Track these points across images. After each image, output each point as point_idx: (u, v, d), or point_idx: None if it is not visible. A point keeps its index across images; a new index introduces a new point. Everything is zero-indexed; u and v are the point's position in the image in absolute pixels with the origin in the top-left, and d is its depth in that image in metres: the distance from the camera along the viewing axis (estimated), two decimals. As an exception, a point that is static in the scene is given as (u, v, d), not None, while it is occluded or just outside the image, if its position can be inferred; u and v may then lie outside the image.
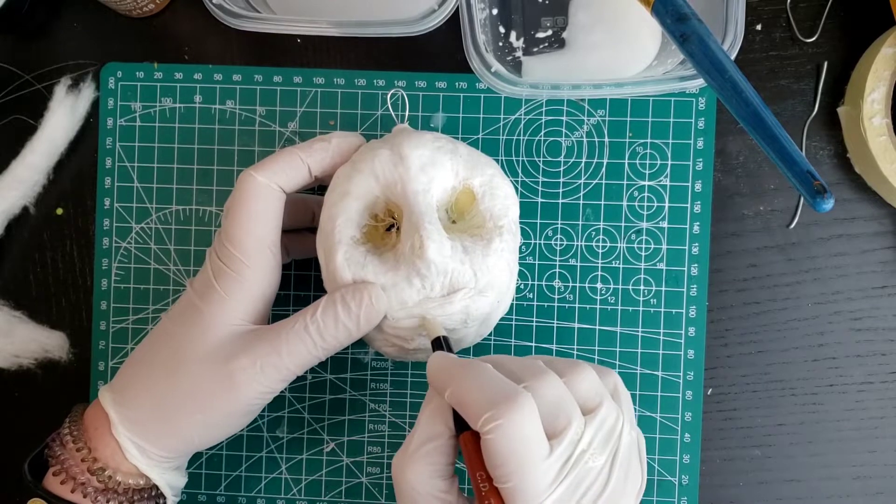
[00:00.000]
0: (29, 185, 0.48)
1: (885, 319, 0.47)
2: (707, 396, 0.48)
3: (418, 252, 0.39)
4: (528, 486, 0.33)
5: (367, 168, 0.41)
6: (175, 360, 0.40)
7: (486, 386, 0.34)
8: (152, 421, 0.40)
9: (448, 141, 0.42)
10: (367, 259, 0.40)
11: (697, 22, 0.39)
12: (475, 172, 0.42)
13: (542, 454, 0.33)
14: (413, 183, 0.40)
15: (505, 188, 0.43)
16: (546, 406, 0.34)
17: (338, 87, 0.48)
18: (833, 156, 0.48)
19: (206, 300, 0.40)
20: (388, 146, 0.41)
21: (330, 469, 0.48)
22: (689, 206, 0.47)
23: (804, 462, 0.48)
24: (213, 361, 0.40)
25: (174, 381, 0.40)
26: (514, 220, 0.43)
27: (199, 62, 0.49)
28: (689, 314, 0.47)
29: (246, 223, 0.40)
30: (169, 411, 0.40)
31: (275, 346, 0.39)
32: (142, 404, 0.40)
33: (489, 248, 0.41)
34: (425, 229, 0.39)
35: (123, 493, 0.40)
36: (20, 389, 0.50)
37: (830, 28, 0.47)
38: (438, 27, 0.42)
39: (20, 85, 0.49)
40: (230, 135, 0.49)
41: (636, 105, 0.47)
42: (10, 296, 0.50)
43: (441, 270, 0.39)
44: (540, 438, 0.33)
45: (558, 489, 0.33)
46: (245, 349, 0.40)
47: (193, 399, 0.40)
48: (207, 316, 0.40)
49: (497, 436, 0.32)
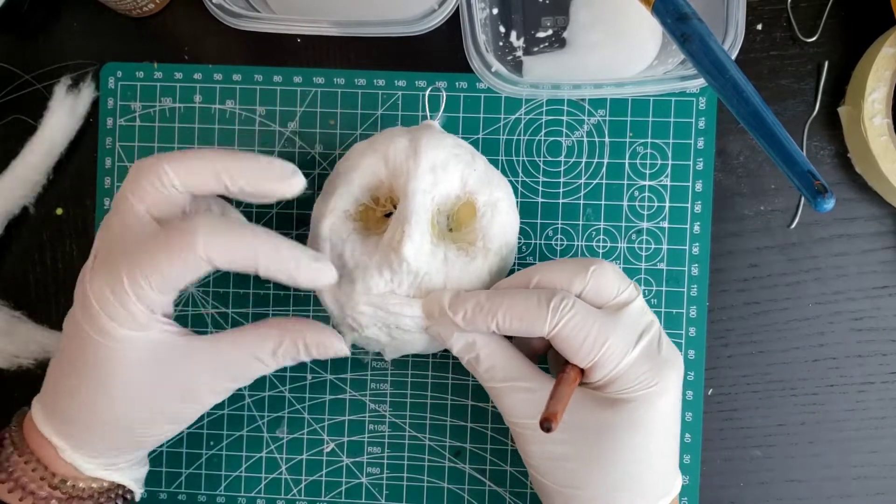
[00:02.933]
0: (29, 185, 0.48)
1: (886, 319, 0.47)
2: (707, 396, 0.48)
3: (395, 245, 0.39)
4: (611, 349, 0.38)
5: (382, 150, 0.41)
6: (105, 385, 0.38)
7: (525, 298, 0.39)
8: (103, 447, 0.39)
9: (468, 151, 0.42)
10: (350, 236, 0.41)
11: (698, 21, 0.39)
12: (484, 189, 0.42)
13: (607, 322, 0.38)
14: (417, 180, 0.40)
15: (508, 216, 0.43)
16: (608, 284, 0.39)
17: (338, 86, 0.48)
18: (833, 156, 0.48)
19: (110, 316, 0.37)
20: (409, 137, 0.41)
21: (330, 469, 0.48)
22: (689, 206, 0.47)
23: (805, 462, 0.48)
24: (159, 386, 0.38)
25: (116, 411, 0.38)
26: (506, 246, 0.43)
27: (199, 62, 0.49)
28: (689, 314, 0.47)
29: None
30: (117, 437, 0.39)
31: (228, 375, 0.39)
32: (87, 432, 0.39)
33: (470, 265, 0.41)
34: (410, 226, 0.39)
35: (89, 498, 0.39)
36: (20, 389, 0.49)
37: (831, 28, 0.47)
38: (438, 27, 0.42)
39: (20, 85, 0.49)
40: (230, 135, 0.49)
41: (636, 105, 0.47)
42: (10, 296, 0.50)
43: (412, 270, 0.40)
44: (597, 311, 0.38)
45: (641, 342, 0.39)
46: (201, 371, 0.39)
47: (142, 424, 0.39)
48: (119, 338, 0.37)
49: (568, 318, 0.38)
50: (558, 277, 0.39)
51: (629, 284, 0.40)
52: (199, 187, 0.38)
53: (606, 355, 0.38)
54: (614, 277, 0.39)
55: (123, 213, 0.38)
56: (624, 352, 0.38)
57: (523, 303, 0.38)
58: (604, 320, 0.38)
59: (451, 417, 0.48)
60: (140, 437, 0.40)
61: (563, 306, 0.38)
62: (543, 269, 0.40)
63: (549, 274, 0.40)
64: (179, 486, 0.49)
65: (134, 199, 0.38)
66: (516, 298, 0.39)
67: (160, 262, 0.36)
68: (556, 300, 0.38)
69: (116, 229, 0.38)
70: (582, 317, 0.38)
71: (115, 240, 0.38)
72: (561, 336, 0.38)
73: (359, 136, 0.48)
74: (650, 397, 0.38)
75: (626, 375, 0.38)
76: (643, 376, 0.38)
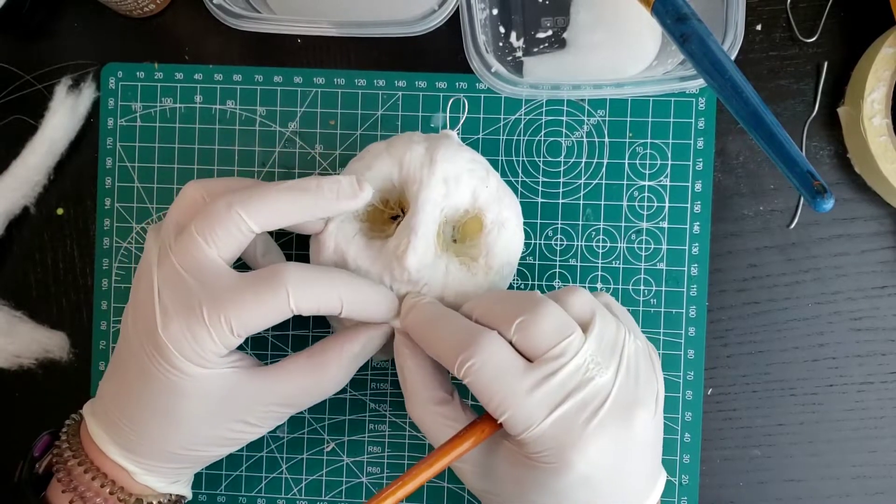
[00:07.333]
0: (29, 185, 0.48)
1: (885, 319, 0.47)
2: (707, 396, 0.48)
3: (399, 255, 0.40)
4: (520, 414, 0.35)
5: (398, 155, 0.41)
6: (176, 418, 0.38)
7: (450, 334, 0.37)
8: (173, 471, 0.40)
9: (483, 167, 0.42)
10: (355, 237, 0.41)
11: (697, 22, 0.39)
12: (493, 207, 0.42)
13: (524, 382, 0.35)
14: (429, 190, 0.40)
15: (514, 236, 0.43)
16: (537, 336, 0.35)
17: (338, 87, 0.48)
18: (833, 156, 0.48)
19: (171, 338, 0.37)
20: (426, 145, 0.41)
21: (330, 469, 0.48)
22: (689, 206, 0.47)
23: (804, 462, 0.48)
24: (223, 417, 0.39)
25: (186, 442, 0.39)
26: (508, 265, 0.43)
27: (200, 62, 0.49)
28: (689, 314, 0.47)
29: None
30: (185, 463, 0.40)
31: (289, 405, 0.40)
32: (158, 460, 0.40)
33: (469, 280, 0.42)
34: (416, 236, 0.40)
35: None
36: (20, 389, 0.50)
37: (830, 28, 0.47)
38: (438, 27, 0.42)
39: (20, 85, 0.49)
40: (231, 135, 0.49)
41: (636, 105, 0.47)
42: (11, 296, 0.50)
43: (413, 280, 0.40)
44: (516, 367, 0.35)
45: (557, 411, 0.34)
46: (258, 403, 0.39)
47: (209, 451, 0.40)
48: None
49: (473, 378, 0.35)
50: (492, 318, 0.37)
51: (569, 335, 0.35)
52: (274, 226, 0.38)
53: (510, 421, 0.35)
54: (547, 328, 0.35)
55: (194, 255, 0.37)
56: (529, 421, 0.34)
57: (443, 345, 0.37)
58: (516, 383, 0.35)
59: (451, 417, 0.48)
60: (204, 457, 0.41)
61: (470, 364, 0.35)
62: (482, 305, 0.38)
63: (485, 313, 0.38)
64: (180, 485, 0.49)
65: (205, 243, 0.37)
66: (440, 339, 0.37)
67: (247, 310, 0.36)
68: (464, 354, 0.35)
69: (190, 274, 0.37)
70: (488, 378, 0.35)
71: (185, 280, 0.37)
72: (472, 389, 0.36)
73: (359, 137, 0.48)
74: (559, 470, 0.35)
75: (535, 443, 0.35)
76: (553, 448, 0.35)
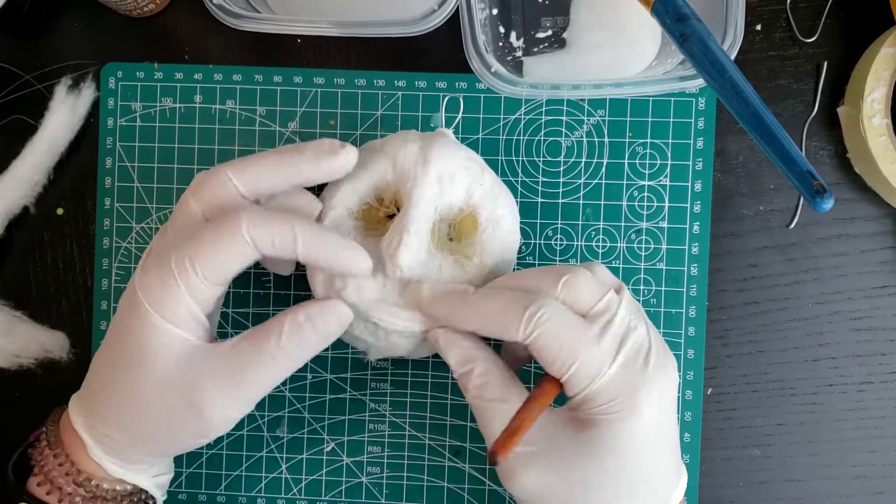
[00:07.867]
0: (29, 185, 0.48)
1: (885, 319, 0.47)
2: (707, 396, 0.48)
3: (391, 252, 0.39)
4: (590, 361, 0.36)
5: (392, 153, 0.41)
6: (134, 380, 0.38)
7: (507, 299, 0.38)
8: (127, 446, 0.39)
9: (478, 165, 0.42)
10: (349, 235, 0.41)
11: (697, 22, 0.39)
12: (488, 205, 0.42)
13: (588, 331, 0.37)
14: (423, 188, 0.40)
15: (509, 234, 0.43)
16: (583, 293, 0.37)
17: (338, 87, 0.48)
18: (833, 156, 0.48)
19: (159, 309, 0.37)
20: (421, 143, 0.41)
21: (330, 469, 0.48)
22: (688, 205, 0.47)
23: (804, 462, 0.48)
24: (175, 389, 0.38)
25: (140, 410, 0.38)
26: (503, 263, 0.43)
27: (200, 62, 0.49)
28: (688, 314, 0.47)
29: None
30: (140, 438, 0.39)
31: (240, 381, 0.38)
32: (113, 429, 0.39)
33: (463, 279, 0.41)
34: (408, 235, 0.39)
35: (112, 500, 0.40)
36: (20, 389, 0.50)
37: (830, 28, 0.47)
38: (438, 27, 0.42)
39: (20, 85, 0.49)
40: (230, 135, 0.49)
41: (636, 105, 0.47)
42: (11, 296, 0.50)
43: (405, 278, 0.40)
44: (578, 319, 0.37)
45: (619, 357, 0.37)
46: (208, 379, 0.38)
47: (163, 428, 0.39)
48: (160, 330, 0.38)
49: (544, 328, 0.36)
50: (533, 284, 0.38)
51: (607, 291, 0.38)
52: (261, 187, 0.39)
53: (581, 370, 0.36)
54: (588, 287, 0.37)
55: (184, 213, 0.39)
56: (599, 367, 0.36)
57: (501, 306, 0.37)
58: (582, 332, 0.36)
59: (451, 417, 0.48)
60: (163, 442, 0.40)
61: (541, 314, 0.36)
62: (516, 279, 0.39)
63: (523, 283, 0.38)
64: (180, 485, 0.49)
65: (193, 201, 0.38)
66: (494, 301, 0.38)
67: (206, 248, 0.37)
68: (533, 307, 0.36)
69: (172, 230, 0.39)
70: (559, 326, 0.36)
71: (169, 238, 0.39)
72: (537, 345, 0.36)
73: (359, 136, 0.48)
74: (628, 416, 0.36)
75: (603, 393, 0.36)
76: (622, 394, 0.36)
